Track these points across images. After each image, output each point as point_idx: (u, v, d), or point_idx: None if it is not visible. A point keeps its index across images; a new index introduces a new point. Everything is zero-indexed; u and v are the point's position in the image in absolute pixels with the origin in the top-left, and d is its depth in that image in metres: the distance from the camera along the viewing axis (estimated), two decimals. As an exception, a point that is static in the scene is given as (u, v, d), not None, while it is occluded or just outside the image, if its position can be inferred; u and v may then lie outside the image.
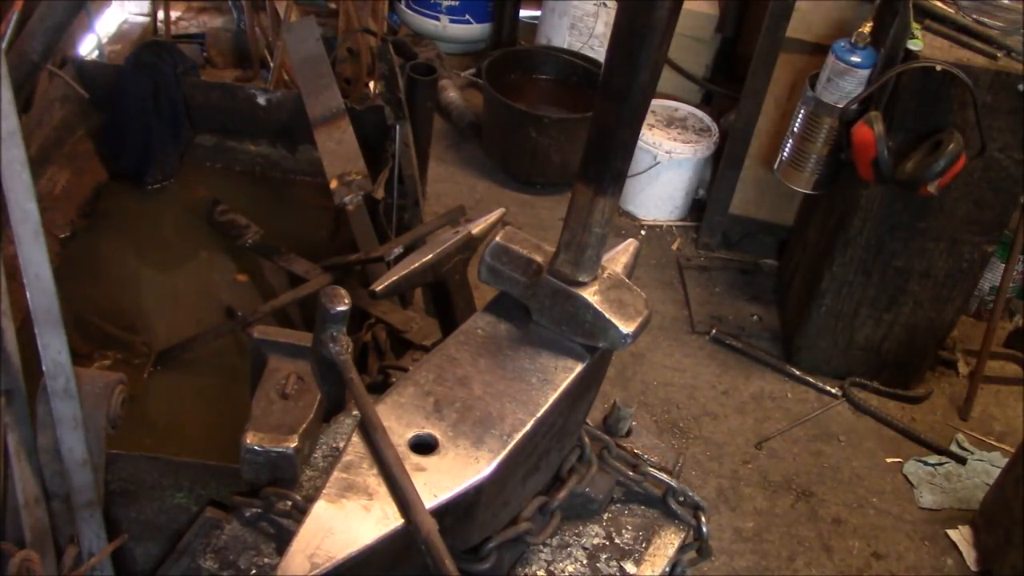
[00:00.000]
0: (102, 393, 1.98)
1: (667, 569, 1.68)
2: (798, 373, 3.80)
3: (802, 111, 3.36)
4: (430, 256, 2.23)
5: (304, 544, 1.14)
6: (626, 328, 1.39)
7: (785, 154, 3.49)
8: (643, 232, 4.41)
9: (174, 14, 4.80)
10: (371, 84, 3.92)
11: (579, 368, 1.44)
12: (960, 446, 3.61)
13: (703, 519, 1.73)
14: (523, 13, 5.32)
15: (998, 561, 3.14)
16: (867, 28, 3.13)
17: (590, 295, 1.41)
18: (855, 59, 3.14)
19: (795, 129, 3.41)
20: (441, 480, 1.24)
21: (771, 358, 3.84)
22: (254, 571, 1.56)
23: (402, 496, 1.19)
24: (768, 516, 3.27)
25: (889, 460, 3.55)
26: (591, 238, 1.37)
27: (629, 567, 1.64)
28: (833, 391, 3.76)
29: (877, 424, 3.67)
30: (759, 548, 3.16)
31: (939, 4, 3.17)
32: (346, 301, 1.35)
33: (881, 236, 3.38)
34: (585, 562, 1.63)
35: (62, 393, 1.87)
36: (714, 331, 3.90)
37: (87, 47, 4.17)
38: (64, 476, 1.96)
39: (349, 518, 1.18)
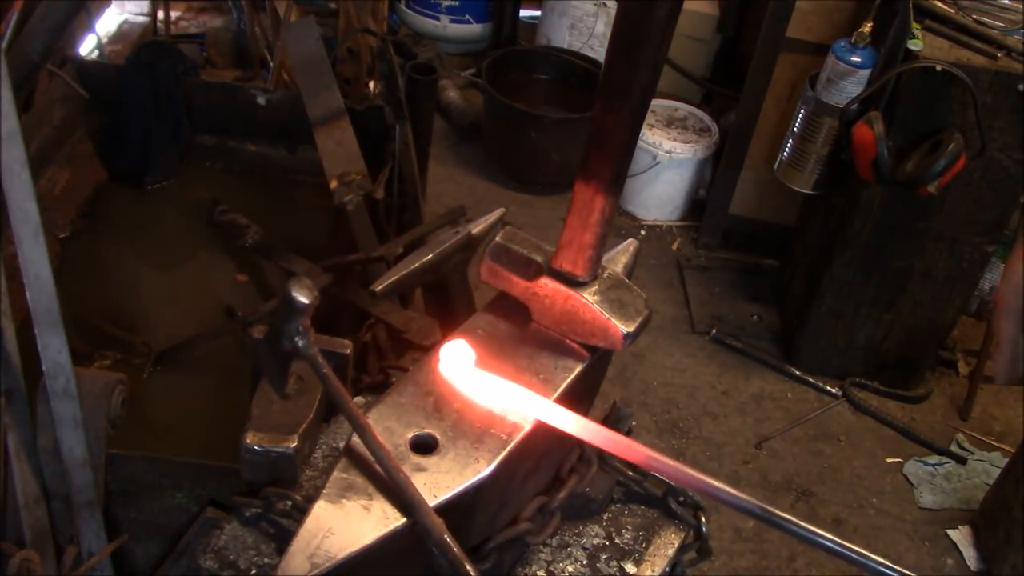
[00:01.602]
0: (102, 393, 1.98)
1: (667, 569, 1.67)
2: (798, 373, 3.80)
3: (802, 111, 3.36)
4: (430, 256, 2.23)
5: (304, 544, 1.14)
6: (626, 328, 1.39)
7: (785, 154, 3.49)
8: (643, 232, 4.40)
9: (174, 14, 4.79)
10: (371, 84, 3.91)
11: (579, 368, 1.43)
12: (960, 446, 3.61)
13: (703, 519, 1.73)
14: (523, 13, 5.31)
15: (998, 561, 3.14)
16: (867, 28, 3.13)
17: (590, 295, 1.41)
18: (855, 59, 3.14)
19: (795, 129, 3.41)
20: (441, 480, 1.24)
21: (771, 358, 3.84)
22: (254, 571, 1.55)
23: (406, 497, 1.19)
24: (768, 516, 3.27)
25: (889, 460, 3.55)
26: (591, 238, 1.37)
27: (629, 567, 1.64)
28: (833, 391, 3.76)
29: (877, 424, 3.67)
30: (759, 548, 3.16)
31: (939, 4, 3.17)
32: (314, 292, 1.32)
33: (881, 236, 3.38)
34: (585, 562, 1.63)
35: (62, 393, 1.87)
36: (714, 331, 3.90)
37: (87, 47, 4.16)
38: (64, 476, 1.96)
39: (349, 518, 1.18)
